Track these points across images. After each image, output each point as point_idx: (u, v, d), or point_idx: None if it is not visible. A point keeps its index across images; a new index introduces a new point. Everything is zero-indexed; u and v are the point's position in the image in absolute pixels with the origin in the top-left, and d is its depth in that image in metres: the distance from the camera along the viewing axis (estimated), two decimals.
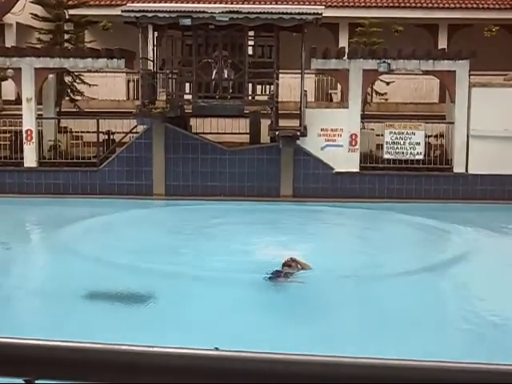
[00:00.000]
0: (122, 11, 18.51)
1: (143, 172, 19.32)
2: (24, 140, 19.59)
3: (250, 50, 19.33)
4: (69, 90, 22.44)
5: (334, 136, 19.14)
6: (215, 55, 18.84)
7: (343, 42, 26.08)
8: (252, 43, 19.76)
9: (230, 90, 18.81)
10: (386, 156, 19.33)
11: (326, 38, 25.81)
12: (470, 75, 19.17)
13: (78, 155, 20.27)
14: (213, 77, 18.79)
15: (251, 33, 19.59)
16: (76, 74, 22.08)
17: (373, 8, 27.76)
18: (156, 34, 19.96)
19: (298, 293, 10.40)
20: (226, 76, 18.81)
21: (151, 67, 19.87)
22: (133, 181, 19.33)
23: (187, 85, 19.54)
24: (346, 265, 12.02)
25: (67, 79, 22.32)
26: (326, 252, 12.43)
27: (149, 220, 17.18)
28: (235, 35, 18.60)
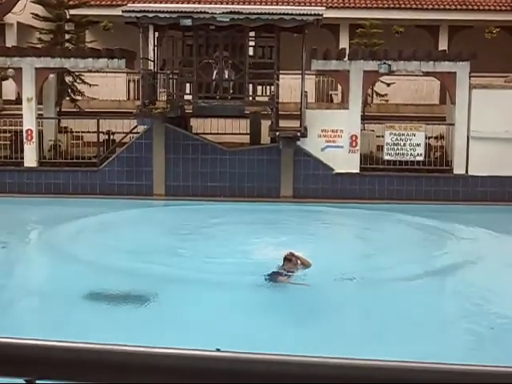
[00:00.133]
0: (122, 11, 18.52)
1: (143, 172, 19.32)
2: (24, 140, 19.60)
3: (250, 51, 19.33)
4: (69, 90, 22.44)
5: (335, 137, 19.15)
6: (216, 56, 18.85)
7: (344, 43, 26.08)
8: (253, 44, 19.77)
9: (231, 91, 18.82)
10: (387, 157, 19.33)
11: (327, 38, 25.81)
12: (470, 77, 19.19)
13: (78, 155, 20.28)
14: (213, 77, 18.79)
15: (252, 33, 19.60)
16: (76, 73, 22.08)
17: (373, 9, 27.78)
18: (157, 34, 19.97)
19: (298, 294, 10.37)
20: (226, 76, 18.81)
21: (152, 67, 19.89)
22: (133, 181, 19.33)
23: (188, 85, 19.54)
24: (345, 265, 12.00)
25: (68, 79, 22.33)
26: (326, 252, 12.40)
27: (148, 220, 17.18)
28: (236, 36, 18.60)
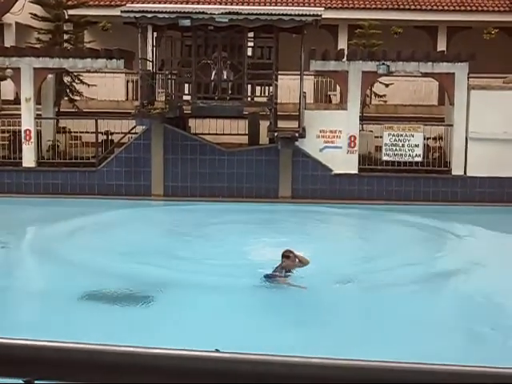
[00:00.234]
0: (121, 12, 18.51)
1: (142, 172, 19.32)
2: (23, 140, 19.58)
3: (249, 51, 19.33)
4: (68, 90, 22.43)
5: (333, 138, 19.15)
6: (214, 56, 18.85)
7: (342, 44, 26.10)
8: (251, 44, 19.77)
9: (229, 91, 18.82)
10: (385, 158, 19.34)
11: (326, 39, 25.83)
12: (469, 77, 19.20)
13: (76, 155, 20.26)
14: (212, 78, 18.79)
15: (251, 34, 19.60)
16: (75, 74, 22.07)
17: (372, 10, 27.80)
18: (155, 34, 19.97)
19: (296, 295, 10.36)
20: (225, 77, 18.81)
21: (150, 68, 19.87)
22: (131, 181, 19.33)
23: (186, 85, 19.54)
24: (343, 265, 12.00)
25: (66, 79, 22.31)
26: (324, 253, 12.40)
27: (147, 220, 17.17)
28: (234, 36, 18.60)
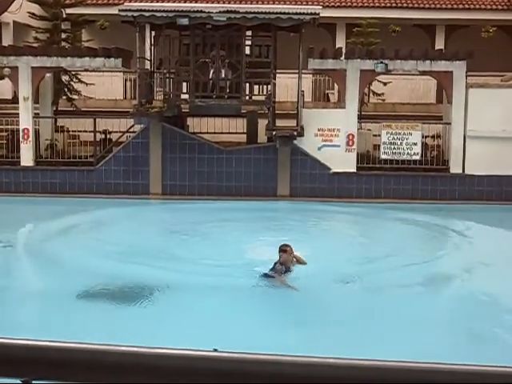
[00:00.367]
0: (119, 10, 18.49)
1: (140, 171, 19.31)
2: (21, 139, 19.56)
3: (247, 50, 19.32)
4: (66, 89, 22.41)
5: (331, 136, 19.15)
6: (212, 55, 18.83)
7: (340, 43, 26.11)
8: (249, 43, 19.76)
9: (227, 90, 18.81)
10: (383, 156, 19.34)
11: (324, 38, 25.84)
12: (467, 76, 19.20)
13: (74, 154, 20.25)
14: (210, 76, 18.78)
15: (249, 32, 19.58)
16: (73, 73, 22.05)
17: (370, 8, 27.81)
18: (153, 33, 19.95)
19: (295, 295, 10.34)
20: (223, 76, 18.80)
21: (148, 66, 19.87)
22: (129, 180, 19.32)
23: (184, 84, 19.53)
24: (343, 264, 11.99)
25: (64, 78, 22.30)
26: (324, 252, 12.39)
27: (145, 219, 17.18)
28: (233, 35, 18.59)
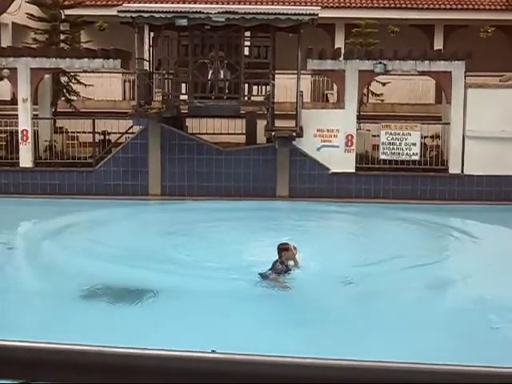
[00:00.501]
0: (118, 11, 18.49)
1: (139, 172, 19.31)
2: (20, 140, 19.56)
3: (246, 51, 19.34)
4: (65, 91, 22.41)
5: (330, 137, 19.16)
6: (211, 56, 18.84)
7: (339, 43, 26.11)
8: (248, 44, 19.78)
9: (226, 91, 18.81)
10: (382, 157, 19.35)
11: (322, 38, 25.83)
12: (465, 76, 19.21)
13: (73, 155, 20.26)
14: (209, 77, 18.79)
15: (247, 33, 19.60)
16: (72, 74, 22.05)
17: (369, 9, 27.82)
18: (152, 34, 19.97)
19: (295, 295, 10.34)
20: (222, 76, 18.81)
21: (147, 67, 19.88)
22: (129, 181, 19.32)
23: (183, 85, 19.52)
24: (343, 264, 11.99)
25: (63, 79, 22.30)
26: (324, 252, 12.38)
27: (144, 220, 17.18)
28: (231, 36, 18.60)
